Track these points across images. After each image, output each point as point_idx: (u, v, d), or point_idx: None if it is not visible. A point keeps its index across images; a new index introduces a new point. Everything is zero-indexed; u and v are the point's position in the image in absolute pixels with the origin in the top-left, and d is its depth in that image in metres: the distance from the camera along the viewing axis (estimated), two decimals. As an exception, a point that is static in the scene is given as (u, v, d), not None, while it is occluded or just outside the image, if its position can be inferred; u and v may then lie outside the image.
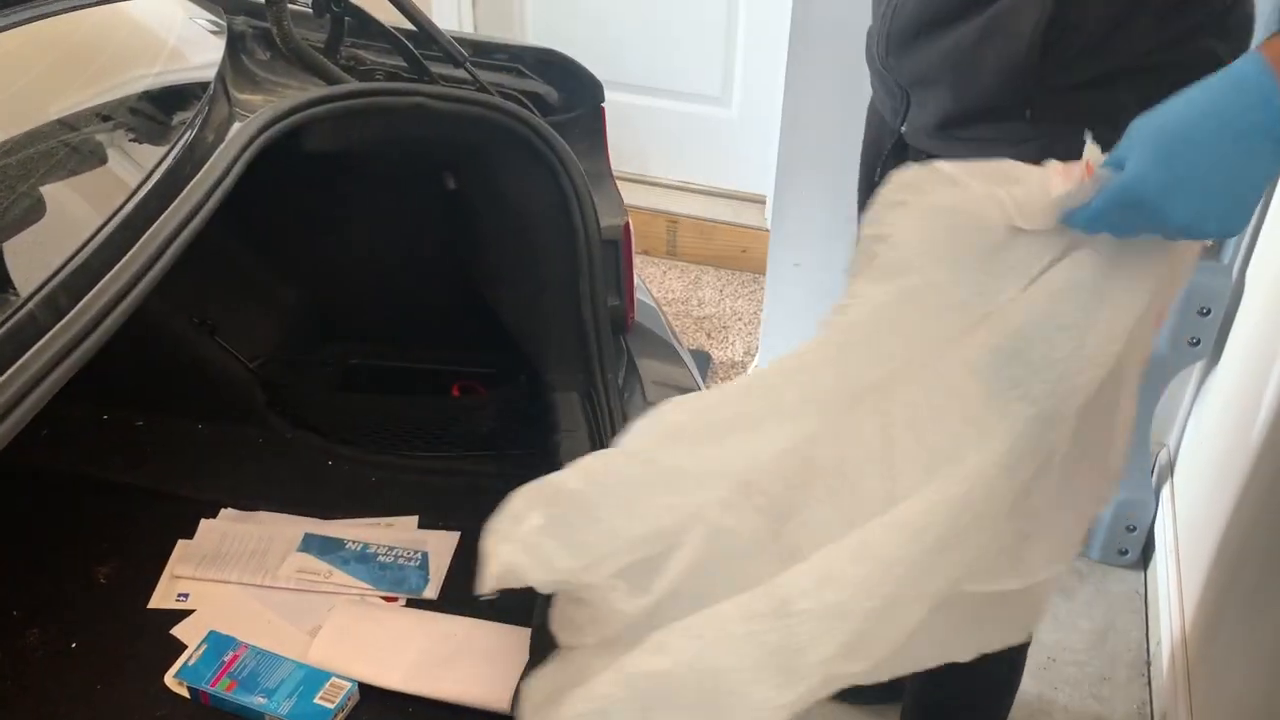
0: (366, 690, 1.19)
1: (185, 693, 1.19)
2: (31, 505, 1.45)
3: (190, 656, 1.20)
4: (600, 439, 1.25)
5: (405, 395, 1.62)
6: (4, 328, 0.79)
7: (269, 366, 1.58)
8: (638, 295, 1.40)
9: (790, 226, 2.25)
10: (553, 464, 1.26)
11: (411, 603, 1.31)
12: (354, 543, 1.37)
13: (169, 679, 1.20)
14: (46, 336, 0.83)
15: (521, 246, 1.28)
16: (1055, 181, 0.79)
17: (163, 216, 0.97)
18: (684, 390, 1.41)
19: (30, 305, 0.81)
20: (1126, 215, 0.76)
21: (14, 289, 0.83)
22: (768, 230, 3.02)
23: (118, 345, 1.51)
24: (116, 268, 0.92)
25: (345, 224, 1.49)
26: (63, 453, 1.53)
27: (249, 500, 1.46)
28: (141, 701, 1.20)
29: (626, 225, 1.31)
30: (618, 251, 1.29)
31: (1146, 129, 0.75)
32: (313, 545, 1.37)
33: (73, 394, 1.59)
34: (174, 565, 1.36)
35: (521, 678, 1.04)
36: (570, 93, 1.38)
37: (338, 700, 1.15)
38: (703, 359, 2.60)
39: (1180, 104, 0.74)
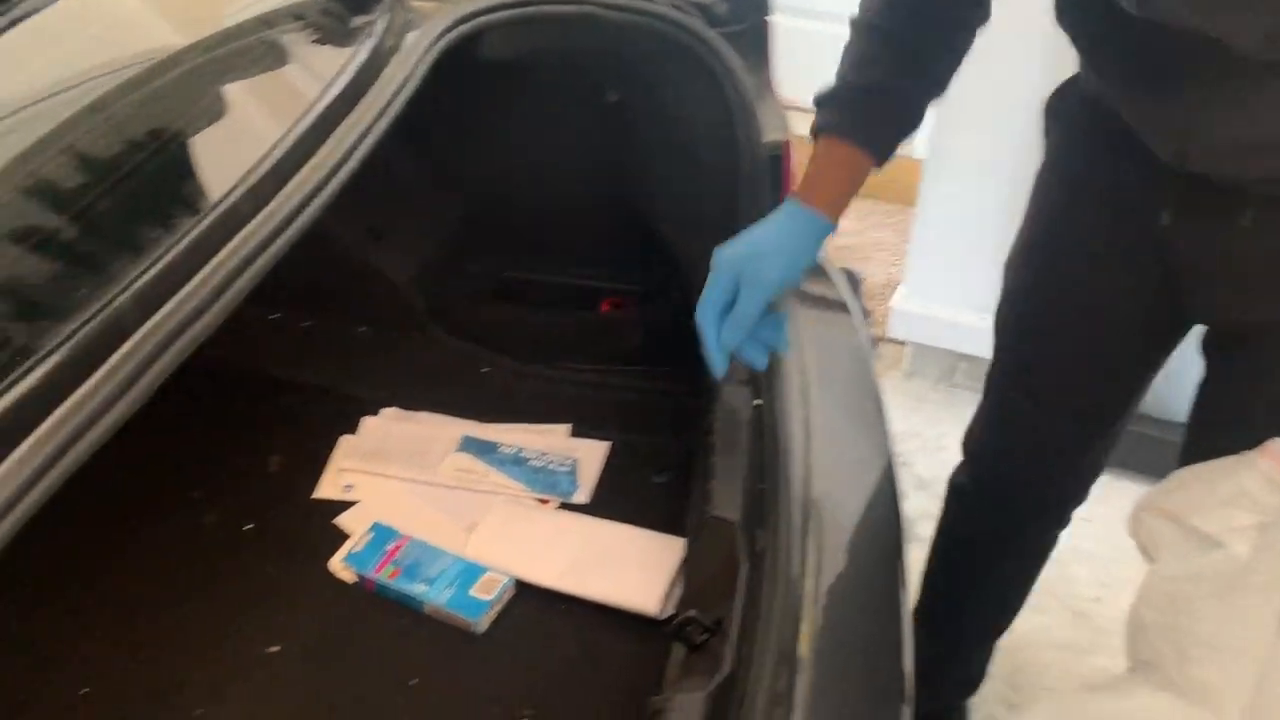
0: (521, 585, 1.24)
1: (350, 577, 1.26)
2: (209, 400, 1.54)
3: (357, 544, 1.27)
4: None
5: (556, 309, 1.65)
6: (202, 225, 0.83)
7: (428, 275, 1.63)
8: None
9: (946, 157, 2.18)
10: (701, 381, 1.28)
11: (563, 506, 1.35)
12: (508, 446, 1.42)
13: (335, 563, 1.27)
14: (243, 233, 0.87)
15: (682, 160, 1.28)
16: None
17: (347, 120, 1.00)
18: (834, 307, 1.40)
19: (228, 202, 0.85)
20: None
21: (203, 191, 0.87)
22: (916, 159, 2.95)
23: (288, 250, 1.58)
24: (305, 168, 0.95)
25: (507, 136, 1.51)
26: (236, 351, 1.61)
27: (409, 401, 1.52)
28: (308, 584, 1.27)
29: (788, 142, 1.29)
30: (778, 167, 1.27)
31: None
32: (470, 446, 1.42)
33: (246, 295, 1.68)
34: (339, 458, 1.43)
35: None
36: (737, 5, 1.36)
37: (494, 592, 1.20)
38: (853, 279, 2.55)
39: None
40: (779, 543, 1.06)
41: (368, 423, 1.48)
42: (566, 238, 1.65)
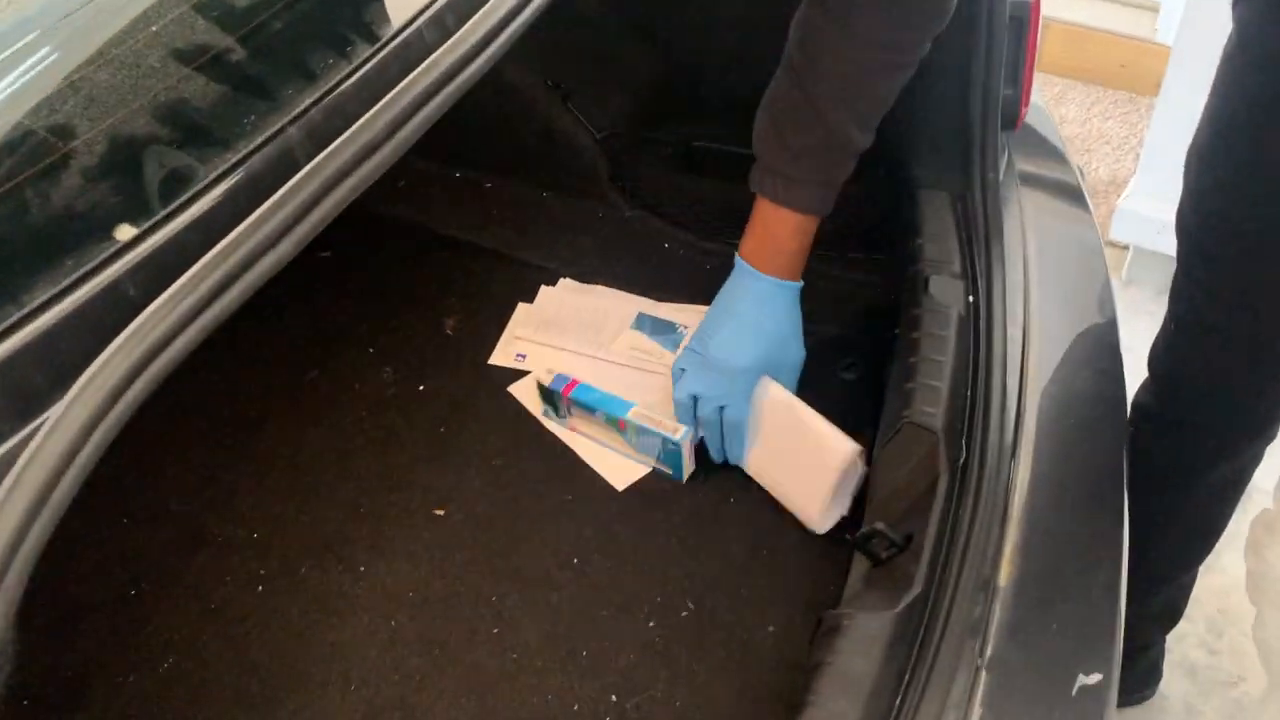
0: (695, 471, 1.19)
1: (532, 404, 1.27)
2: (386, 253, 1.52)
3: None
4: (970, 247, 1.12)
5: (746, 184, 1.54)
6: (379, 56, 0.76)
7: (615, 140, 1.54)
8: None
9: (1199, 42, 1.91)
10: (911, 269, 1.15)
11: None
12: (685, 327, 1.34)
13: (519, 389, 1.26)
14: (421, 66, 0.79)
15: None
16: None
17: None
18: (1071, 201, 1.24)
19: (406, 34, 0.78)
20: None
21: (381, 20, 0.80)
22: (1156, 43, 2.64)
23: (473, 104, 1.52)
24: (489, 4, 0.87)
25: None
26: (416, 206, 1.58)
27: (586, 272, 1.45)
28: (479, 450, 1.24)
29: (1035, 2, 1.12)
30: (1021, 32, 1.11)
31: None
32: (645, 324, 1.35)
33: (428, 150, 1.63)
34: (514, 326, 1.39)
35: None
36: None
37: (681, 433, 1.15)
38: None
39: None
40: (985, 457, 0.95)
41: (544, 292, 1.43)
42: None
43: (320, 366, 1.36)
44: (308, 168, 0.63)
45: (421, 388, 1.33)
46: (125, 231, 0.54)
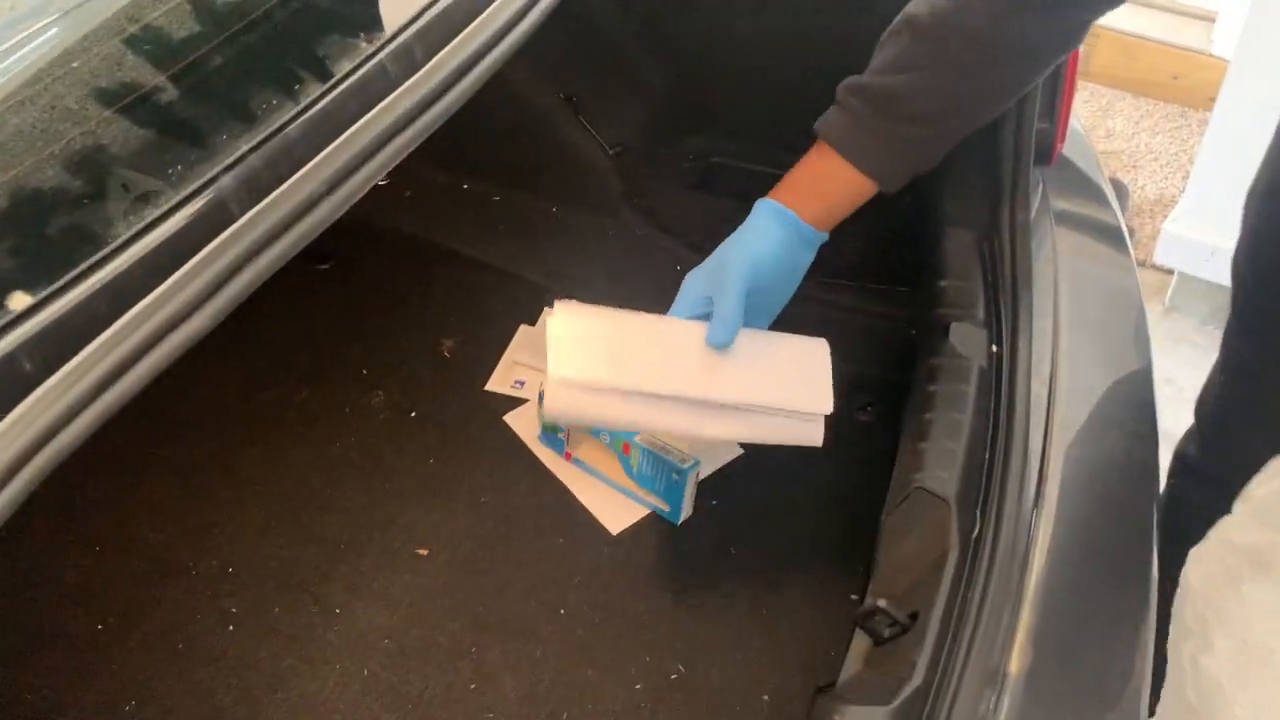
0: (682, 524, 1.11)
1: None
2: (387, 266, 1.46)
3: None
4: (995, 293, 1.04)
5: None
6: (355, 77, 0.69)
7: (629, 155, 1.46)
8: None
9: (1260, 56, 1.81)
10: (932, 313, 1.07)
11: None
12: (694, 357, 1.26)
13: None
14: (397, 92, 0.73)
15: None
16: None
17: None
18: (1108, 242, 1.15)
19: (382, 56, 0.71)
20: None
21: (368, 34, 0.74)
22: (1212, 55, 2.52)
23: (482, 115, 1.45)
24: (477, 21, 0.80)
25: (730, 2, 1.31)
26: (421, 217, 1.52)
27: (594, 294, 1.38)
28: (468, 485, 1.18)
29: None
30: (1060, 61, 1.02)
31: None
32: (651, 353, 1.28)
33: (435, 160, 1.57)
34: (514, 350, 1.32)
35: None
36: None
37: (689, 463, 1.09)
38: (1119, 190, 2.24)
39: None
40: (1000, 529, 0.87)
41: (548, 314, 1.36)
42: (787, 124, 1.44)
43: (311, 385, 1.31)
44: (243, 220, 0.56)
45: (413, 414, 1.27)
46: (19, 300, 0.48)
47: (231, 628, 1.07)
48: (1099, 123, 2.53)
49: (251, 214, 0.55)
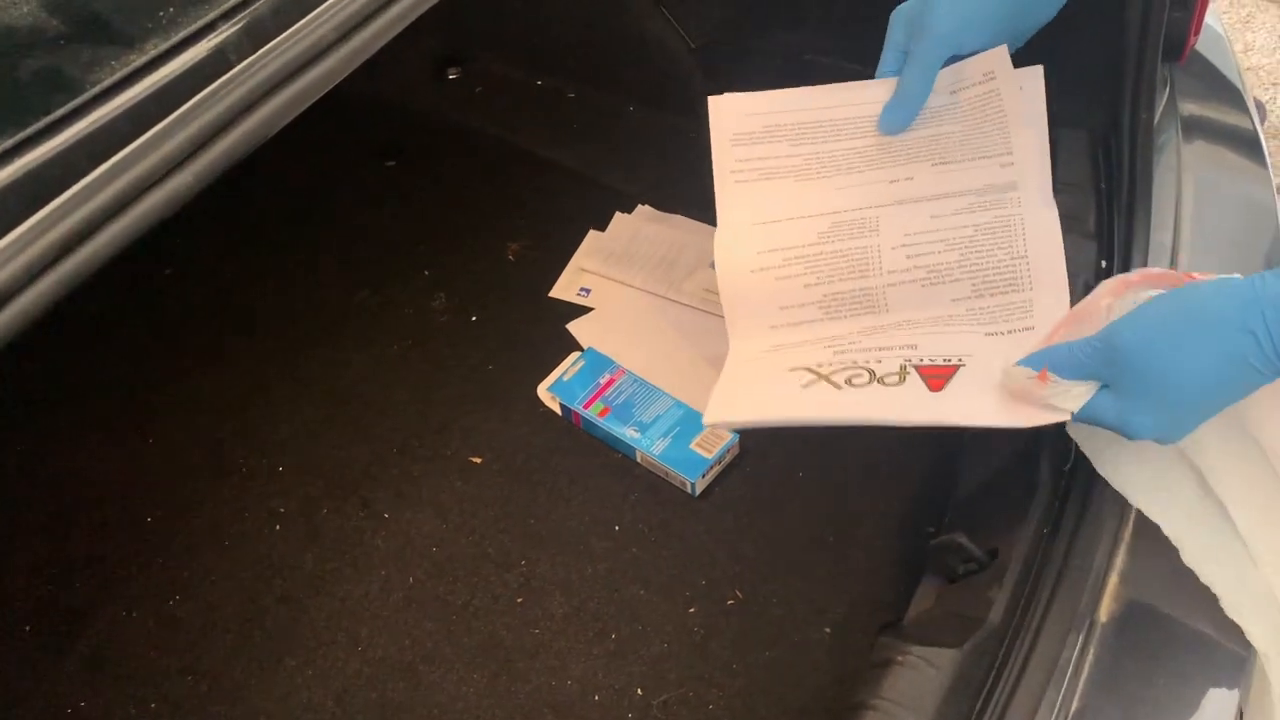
0: (746, 447, 1.04)
1: (555, 407, 1.09)
2: (454, 166, 1.40)
3: (566, 372, 1.09)
4: (1109, 202, 0.93)
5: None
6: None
7: (714, 51, 1.37)
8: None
9: None
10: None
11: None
12: (771, 269, 1.18)
13: (541, 391, 1.11)
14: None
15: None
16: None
17: None
18: (1242, 151, 1.03)
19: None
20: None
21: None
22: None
23: (557, 3, 1.36)
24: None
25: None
26: (491, 116, 1.45)
27: (668, 200, 1.30)
28: (528, 396, 1.12)
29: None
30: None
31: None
32: (726, 263, 1.20)
33: (508, 54, 1.49)
34: (581, 256, 1.25)
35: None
36: None
37: (716, 451, 1.00)
38: (1259, 108, 2.05)
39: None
40: (1097, 463, 0.78)
41: (619, 219, 1.29)
42: (879, 18, 1.33)
43: (371, 287, 1.26)
44: (239, 66, 0.49)
45: (475, 318, 1.22)
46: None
47: (278, 527, 1.04)
48: (1237, 35, 2.31)
49: (250, 60, 0.49)
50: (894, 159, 0.84)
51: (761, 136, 0.87)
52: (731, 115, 0.88)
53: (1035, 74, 0.84)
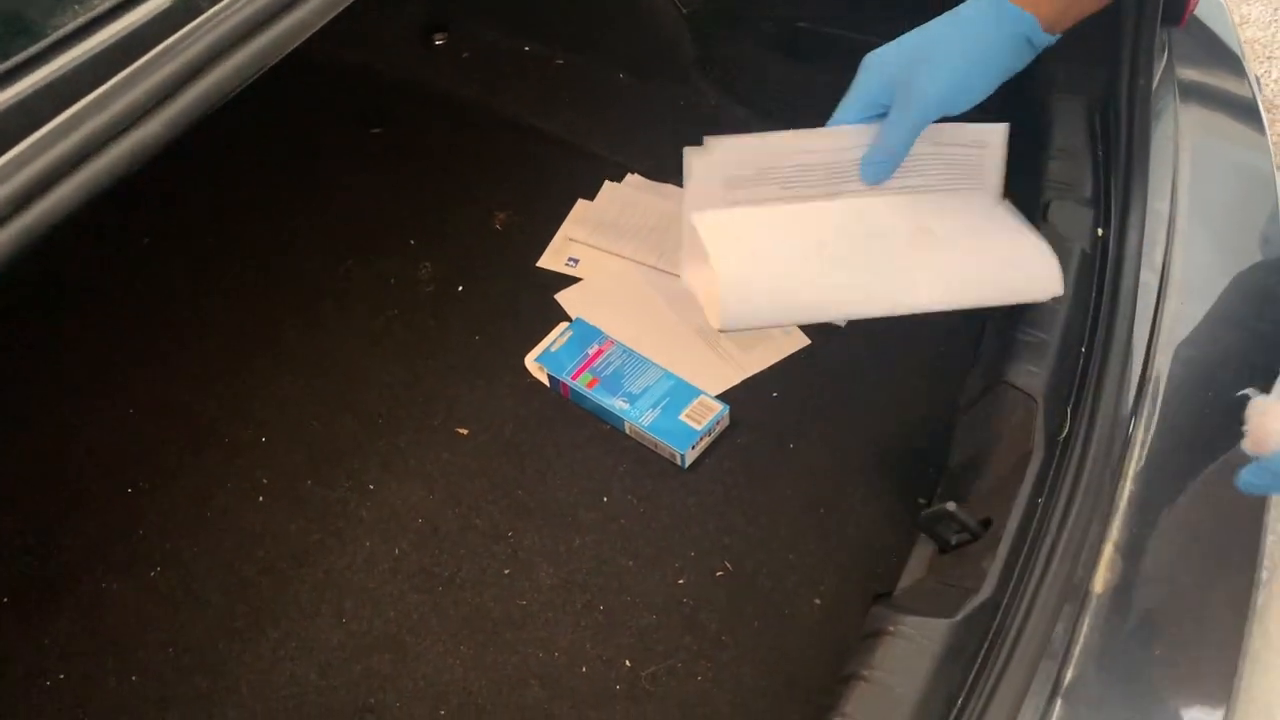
0: (737, 418, 1.03)
1: (542, 378, 1.08)
2: (441, 133, 1.38)
3: (553, 342, 1.08)
4: (1105, 169, 0.91)
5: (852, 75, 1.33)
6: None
7: (704, 16, 1.34)
8: (1204, -26, 0.99)
9: None
10: (1033, 189, 0.95)
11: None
12: (762, 239, 1.16)
13: (529, 362, 1.09)
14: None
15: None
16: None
17: None
18: (1240, 118, 1.01)
19: None
20: None
21: None
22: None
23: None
24: None
25: None
26: (479, 82, 1.42)
27: (657, 169, 1.28)
28: (514, 367, 1.10)
29: None
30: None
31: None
32: (716, 233, 1.18)
33: (496, 19, 1.46)
34: (569, 226, 1.23)
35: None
36: None
37: (705, 422, 0.99)
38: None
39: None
40: (1093, 432, 0.77)
41: (608, 188, 1.27)
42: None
43: (356, 255, 1.24)
44: (209, 12, 0.47)
45: (461, 288, 1.20)
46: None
47: (262, 499, 1.03)
48: (1233, 7, 2.29)
49: (220, 5, 0.47)
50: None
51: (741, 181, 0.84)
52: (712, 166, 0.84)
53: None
